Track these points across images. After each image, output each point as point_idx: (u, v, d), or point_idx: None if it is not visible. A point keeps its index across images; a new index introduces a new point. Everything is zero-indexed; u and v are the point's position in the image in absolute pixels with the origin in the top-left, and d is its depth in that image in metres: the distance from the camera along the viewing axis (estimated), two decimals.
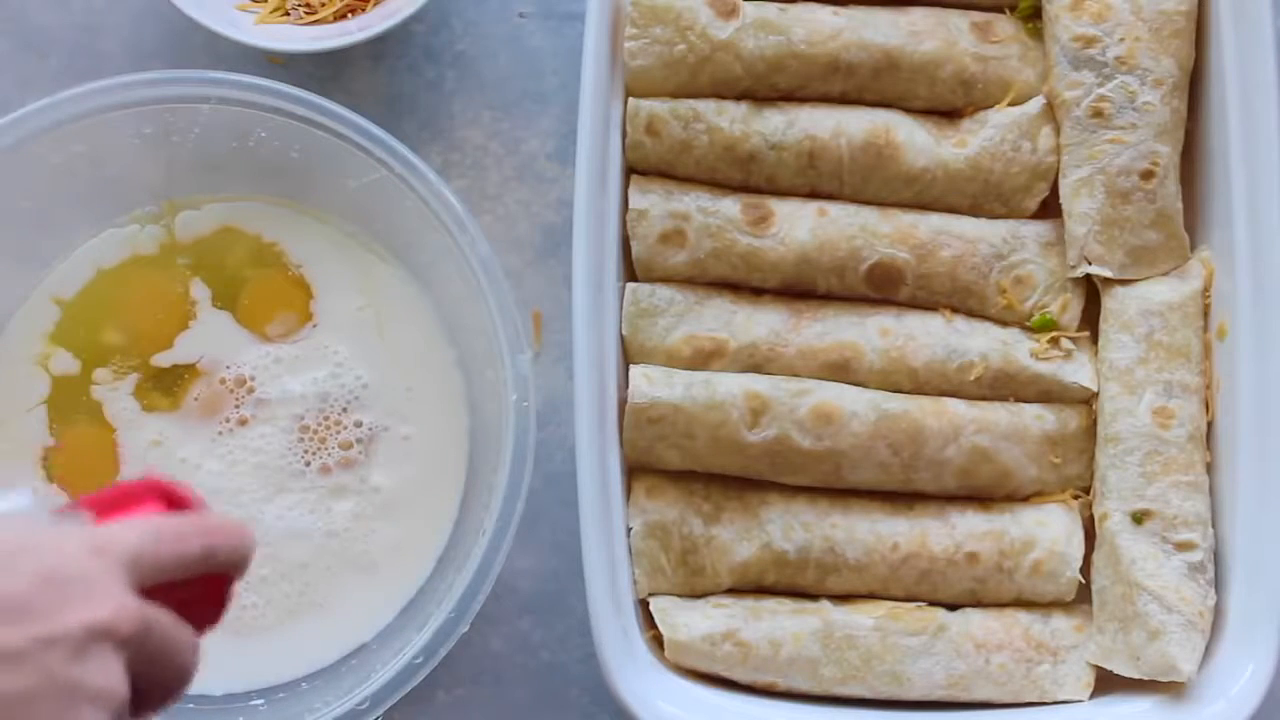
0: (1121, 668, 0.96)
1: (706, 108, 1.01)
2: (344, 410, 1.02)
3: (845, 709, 0.97)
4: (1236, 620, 0.95)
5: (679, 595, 0.99)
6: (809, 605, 0.99)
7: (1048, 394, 1.02)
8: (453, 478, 1.02)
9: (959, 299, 1.03)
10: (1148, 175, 1.00)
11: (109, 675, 0.64)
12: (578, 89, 0.99)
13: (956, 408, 1.00)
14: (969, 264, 1.02)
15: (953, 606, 1.00)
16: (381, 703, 0.91)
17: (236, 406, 1.02)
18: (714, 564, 0.99)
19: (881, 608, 0.98)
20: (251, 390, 1.02)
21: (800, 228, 1.01)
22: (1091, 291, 1.03)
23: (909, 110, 1.04)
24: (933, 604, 1.00)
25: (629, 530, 0.98)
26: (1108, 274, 1.01)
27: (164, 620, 0.67)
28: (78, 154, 0.98)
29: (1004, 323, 1.03)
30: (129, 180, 1.02)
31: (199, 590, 0.71)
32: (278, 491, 1.01)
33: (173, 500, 0.72)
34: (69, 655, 0.62)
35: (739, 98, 1.03)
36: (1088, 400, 1.02)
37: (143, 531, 0.68)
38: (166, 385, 1.02)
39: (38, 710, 0.61)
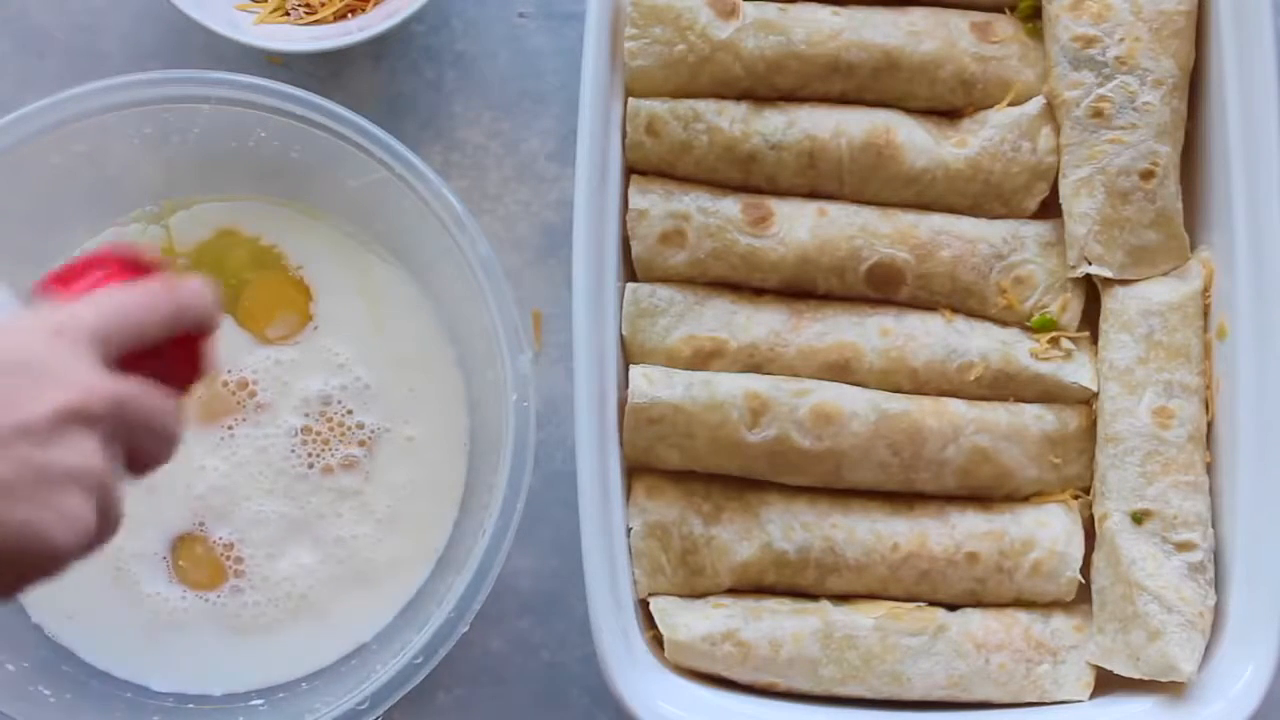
0: (1121, 668, 0.96)
1: (706, 108, 1.01)
2: (348, 413, 1.02)
3: (845, 709, 0.97)
4: (1236, 620, 0.95)
5: (679, 595, 0.99)
6: (809, 605, 0.99)
7: (1048, 394, 1.02)
8: (453, 478, 1.02)
9: (959, 299, 1.03)
10: (1148, 175, 1.00)
11: (84, 454, 0.66)
12: (578, 89, 0.99)
13: (956, 408, 1.00)
14: (969, 264, 1.02)
15: (953, 606, 1.00)
16: (381, 703, 0.91)
17: (239, 410, 1.02)
18: (714, 564, 0.99)
19: (881, 608, 0.98)
20: (253, 394, 1.02)
21: (800, 228, 1.01)
22: (1091, 291, 1.03)
23: (909, 110, 1.04)
24: (933, 604, 1.00)
25: (629, 530, 0.98)
26: (1108, 274, 1.01)
27: (137, 391, 0.69)
28: (78, 154, 0.98)
29: (1004, 323, 1.03)
30: (129, 180, 1.02)
31: (175, 353, 0.73)
32: (281, 494, 1.01)
33: (135, 267, 0.74)
34: (40, 440, 0.65)
35: (739, 98, 1.03)
36: (1088, 400, 1.02)
37: (104, 306, 0.70)
38: None
39: (20, 495, 0.64)
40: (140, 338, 0.71)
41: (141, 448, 0.71)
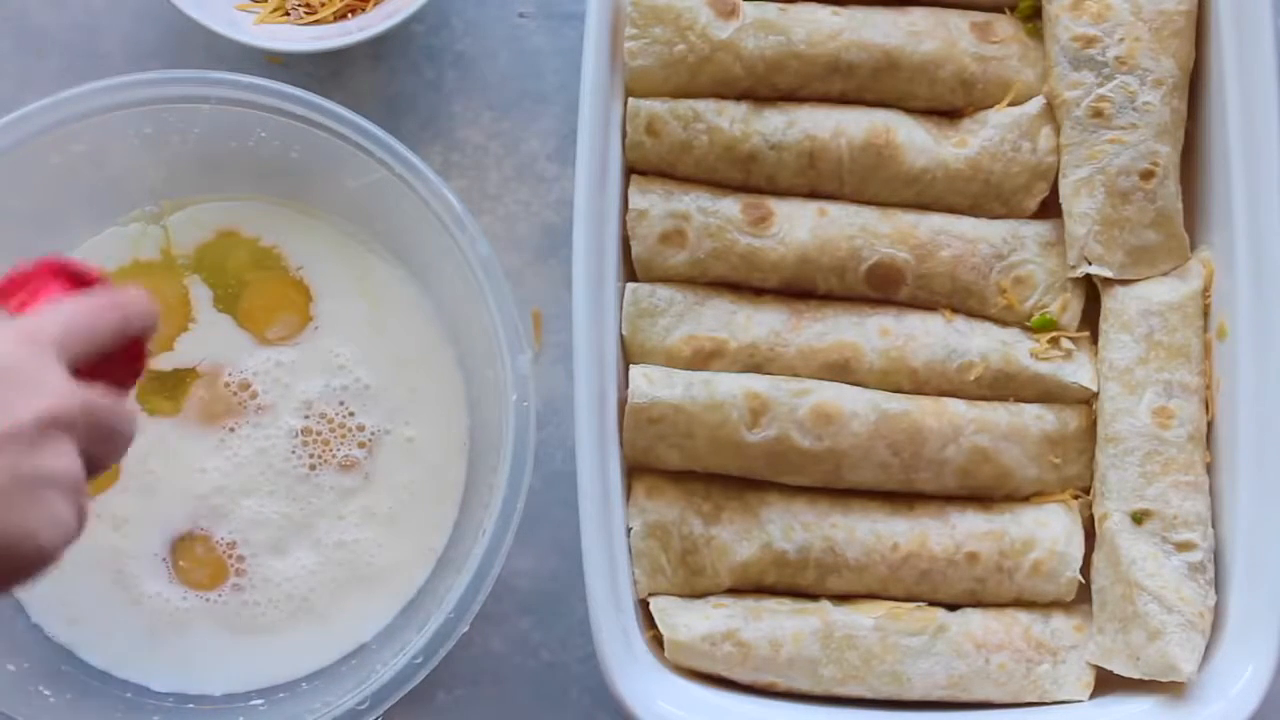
0: (1121, 668, 0.96)
1: (706, 108, 1.01)
2: (350, 414, 1.02)
3: (845, 709, 0.97)
4: (1236, 620, 0.95)
5: (679, 595, 0.99)
6: (809, 605, 0.99)
7: (1048, 394, 1.02)
8: (453, 478, 1.02)
9: (959, 299, 1.03)
10: (1148, 175, 1.00)
11: (64, 458, 0.69)
12: (578, 89, 0.99)
13: (956, 408, 1.00)
14: (969, 264, 1.02)
15: (953, 606, 1.00)
16: (381, 703, 0.91)
17: (239, 410, 1.02)
18: (714, 564, 0.99)
19: (881, 608, 0.98)
20: (254, 395, 1.02)
21: (800, 228, 1.01)
22: (1091, 291, 1.03)
23: (909, 110, 1.04)
24: (933, 604, 1.00)
25: (629, 530, 0.98)
26: (1108, 274, 1.01)
27: (100, 398, 0.72)
28: (78, 154, 0.98)
29: (1004, 323, 1.03)
30: (129, 180, 1.02)
31: (119, 356, 0.77)
32: (282, 495, 1.01)
33: (75, 277, 0.77)
34: (27, 446, 0.67)
35: (739, 98, 1.03)
36: (1088, 400, 1.02)
37: (65, 315, 0.73)
38: (168, 388, 1.02)
39: (13, 500, 0.66)
40: (97, 345, 0.74)
41: (103, 450, 0.73)
